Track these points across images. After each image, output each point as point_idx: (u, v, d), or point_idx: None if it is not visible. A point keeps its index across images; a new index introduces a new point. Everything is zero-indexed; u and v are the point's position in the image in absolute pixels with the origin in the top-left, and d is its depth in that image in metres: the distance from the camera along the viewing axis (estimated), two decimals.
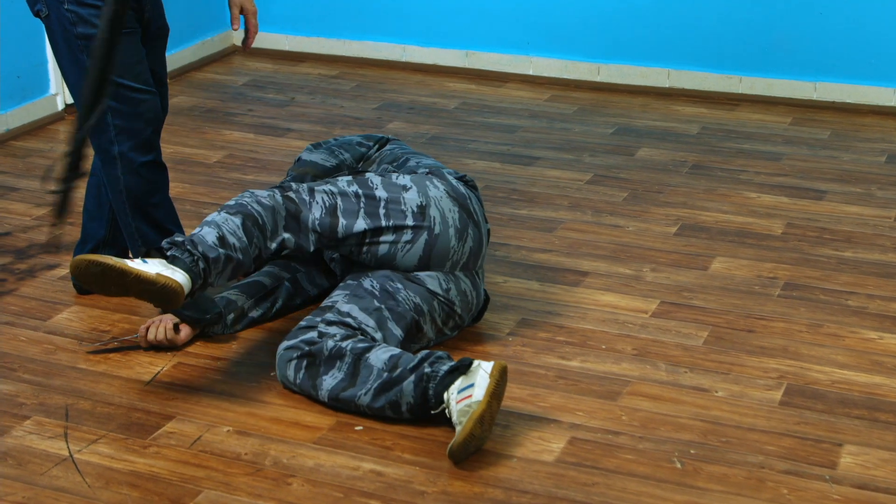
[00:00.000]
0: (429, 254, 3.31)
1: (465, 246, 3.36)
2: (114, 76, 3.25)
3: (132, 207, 3.38)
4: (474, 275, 3.41)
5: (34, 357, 3.38)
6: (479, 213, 3.42)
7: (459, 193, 3.39)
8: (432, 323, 3.34)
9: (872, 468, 2.88)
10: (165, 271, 3.00)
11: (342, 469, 2.88)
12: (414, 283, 3.31)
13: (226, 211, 3.19)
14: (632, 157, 4.87)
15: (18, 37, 5.07)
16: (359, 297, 3.26)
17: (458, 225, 3.34)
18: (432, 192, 3.35)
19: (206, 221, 3.17)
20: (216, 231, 3.13)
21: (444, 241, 3.32)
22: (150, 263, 3.02)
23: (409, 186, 3.34)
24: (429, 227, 3.30)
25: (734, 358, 3.36)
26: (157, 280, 2.98)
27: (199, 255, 3.07)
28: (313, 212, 3.26)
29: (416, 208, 3.30)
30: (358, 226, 3.27)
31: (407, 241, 3.29)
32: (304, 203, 3.26)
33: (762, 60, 5.51)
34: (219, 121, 5.33)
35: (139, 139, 3.34)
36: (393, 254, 3.30)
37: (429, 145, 5.00)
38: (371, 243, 3.29)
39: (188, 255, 3.07)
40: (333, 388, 3.08)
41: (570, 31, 5.76)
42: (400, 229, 3.29)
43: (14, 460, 2.91)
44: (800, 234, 4.15)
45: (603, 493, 2.79)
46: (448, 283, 3.34)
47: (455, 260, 3.34)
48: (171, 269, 3.02)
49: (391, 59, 6.08)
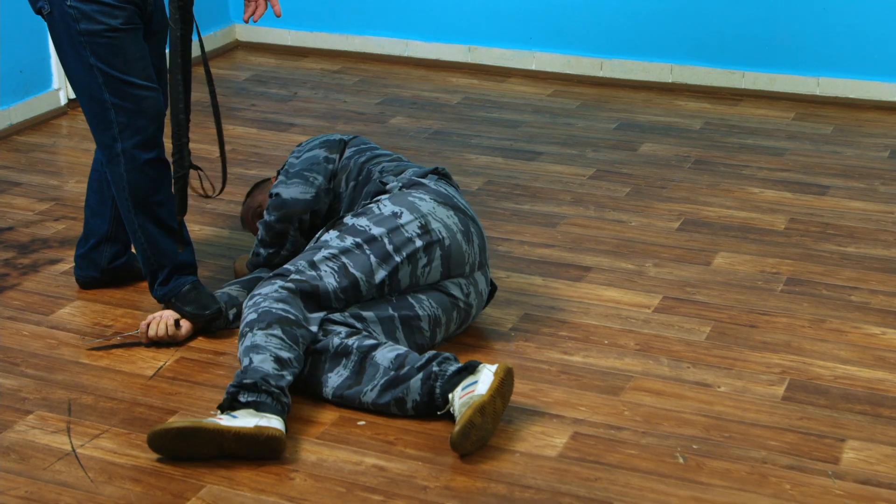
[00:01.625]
0: (448, 266, 3.29)
1: (475, 246, 3.35)
2: (121, 73, 3.26)
3: (135, 205, 3.38)
4: (486, 269, 3.41)
5: (37, 352, 3.38)
6: (468, 207, 3.41)
7: (444, 195, 3.37)
8: (445, 331, 3.33)
9: (875, 463, 2.88)
10: (262, 421, 2.86)
11: (344, 464, 2.88)
12: (438, 292, 3.30)
13: (258, 328, 3.06)
14: (635, 153, 4.87)
15: (21, 31, 5.06)
16: (373, 302, 3.25)
17: (461, 228, 3.32)
18: (423, 206, 3.30)
19: (247, 348, 3.03)
20: (268, 355, 2.99)
21: (457, 248, 3.30)
22: (241, 417, 2.88)
23: (399, 212, 3.27)
24: (439, 241, 3.27)
25: (737, 353, 3.36)
26: (259, 434, 2.83)
27: (277, 391, 2.94)
28: (327, 282, 3.17)
29: (418, 229, 3.26)
30: (379, 276, 3.21)
31: (424, 266, 3.25)
32: (315, 279, 3.17)
33: (765, 56, 5.50)
34: (221, 116, 5.32)
35: (143, 136, 3.33)
36: (416, 281, 3.26)
37: (431, 140, 5.00)
38: (392, 283, 3.24)
39: (269, 398, 2.92)
40: (339, 387, 3.07)
41: (572, 26, 5.75)
42: (413, 257, 3.23)
43: (17, 455, 2.92)
44: (803, 230, 4.15)
45: (605, 489, 2.79)
46: (468, 287, 3.34)
47: (472, 263, 3.34)
48: (266, 418, 2.88)
49: (394, 54, 6.07)
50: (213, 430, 2.82)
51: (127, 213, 3.41)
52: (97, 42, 3.23)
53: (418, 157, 4.75)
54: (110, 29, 3.22)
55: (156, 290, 3.46)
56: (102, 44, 3.23)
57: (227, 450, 2.85)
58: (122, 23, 3.23)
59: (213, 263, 3.89)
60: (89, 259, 3.68)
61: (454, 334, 3.41)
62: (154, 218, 3.41)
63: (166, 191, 3.43)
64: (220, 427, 2.82)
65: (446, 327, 3.33)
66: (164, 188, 3.42)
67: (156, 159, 3.38)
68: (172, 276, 3.44)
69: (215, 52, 6.16)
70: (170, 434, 2.83)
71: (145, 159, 3.35)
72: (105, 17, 3.21)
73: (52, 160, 4.82)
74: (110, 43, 3.23)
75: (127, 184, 3.36)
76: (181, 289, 3.42)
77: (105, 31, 3.22)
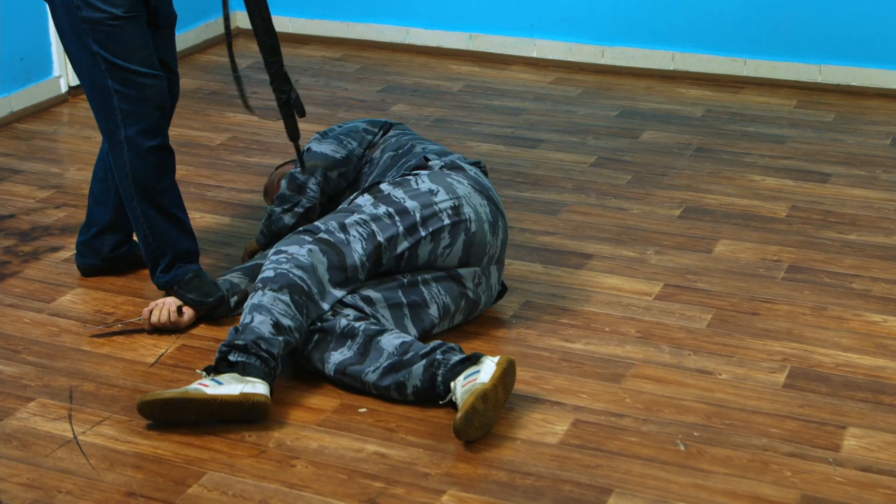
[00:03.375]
0: (468, 252, 3.29)
1: (498, 239, 3.35)
2: (123, 61, 3.25)
3: (138, 192, 3.38)
4: (501, 266, 3.41)
5: (38, 339, 3.39)
6: (500, 203, 3.41)
7: (483, 185, 3.37)
8: (451, 321, 3.34)
9: (876, 451, 2.88)
10: (247, 388, 2.91)
11: (346, 451, 2.88)
12: (448, 280, 3.30)
13: (269, 288, 3.07)
14: (636, 140, 4.86)
15: (21, 18, 5.06)
16: (384, 284, 3.25)
17: (490, 219, 3.32)
18: (460, 189, 3.30)
19: (253, 305, 3.05)
20: (269, 318, 3.02)
21: (481, 237, 3.30)
22: (226, 383, 2.92)
23: (436, 189, 3.28)
24: (465, 226, 3.27)
25: (738, 341, 3.36)
26: (244, 400, 2.88)
27: (266, 355, 2.97)
28: (355, 248, 3.17)
29: (450, 210, 3.26)
30: (401, 247, 3.22)
31: (446, 247, 3.25)
32: (343, 243, 3.17)
33: (767, 43, 5.49)
34: (222, 103, 5.33)
35: (146, 123, 3.32)
36: (433, 260, 3.27)
37: (433, 128, 5.00)
38: (411, 256, 3.25)
39: (258, 360, 2.96)
40: (341, 363, 3.07)
41: (574, 13, 5.74)
42: (437, 234, 3.24)
43: (18, 442, 2.92)
44: (804, 217, 4.15)
45: (606, 476, 2.79)
46: (480, 279, 3.34)
47: (491, 254, 3.34)
48: (251, 383, 2.92)
49: (395, 41, 6.06)
50: (200, 399, 2.89)
51: (129, 199, 3.40)
52: (99, 30, 3.22)
53: None
54: (112, 17, 3.22)
55: (157, 278, 3.46)
56: (104, 31, 3.22)
57: (215, 416, 2.91)
58: (124, 11, 3.23)
59: (215, 251, 3.88)
60: (91, 247, 3.68)
61: (460, 322, 3.41)
62: (156, 205, 3.40)
63: (170, 178, 3.42)
64: (205, 396, 2.89)
65: (453, 317, 3.33)
66: (168, 175, 3.42)
67: (160, 147, 3.37)
68: (175, 264, 3.44)
69: (216, 40, 6.15)
70: (157, 404, 2.90)
71: (148, 146, 3.34)
72: (107, 4, 3.21)
73: (52, 148, 4.81)
74: (112, 31, 3.23)
75: (130, 171, 3.36)
76: (184, 277, 3.42)
77: (107, 20, 3.22)
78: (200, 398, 2.89)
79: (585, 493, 2.73)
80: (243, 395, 2.89)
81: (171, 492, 2.74)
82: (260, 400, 2.90)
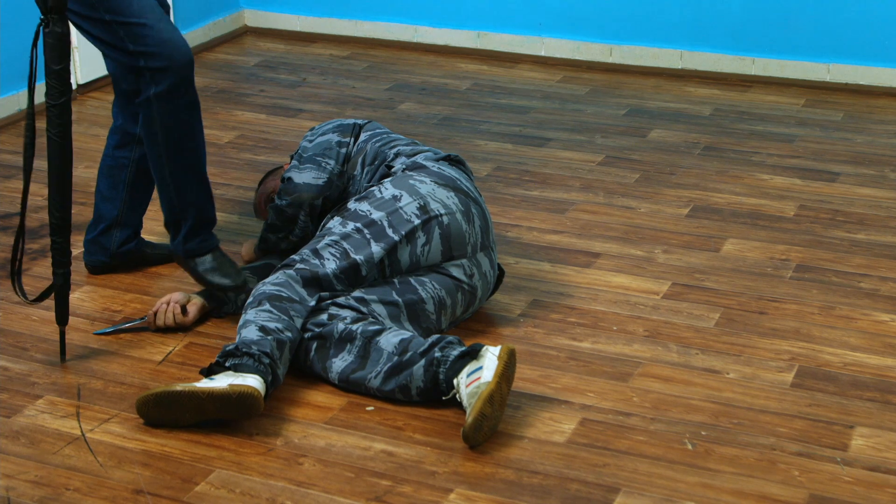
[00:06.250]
0: (448, 244, 3.30)
1: (475, 227, 3.35)
2: (141, 20, 3.22)
3: (168, 150, 3.29)
4: (490, 251, 3.41)
5: (46, 337, 3.39)
6: (473, 190, 3.41)
7: (447, 178, 3.38)
8: (451, 315, 3.34)
9: (884, 450, 2.87)
10: (236, 380, 2.92)
11: (353, 449, 2.88)
12: (440, 275, 3.30)
13: (250, 308, 3.14)
14: (644, 139, 4.86)
15: (28, 15, 5.05)
16: (375, 287, 3.25)
17: (460, 208, 3.33)
18: (422, 188, 3.33)
19: (239, 327, 3.11)
20: (254, 326, 3.06)
21: (457, 228, 3.31)
22: (217, 379, 2.93)
23: (399, 194, 3.31)
24: (438, 221, 3.29)
25: (746, 340, 3.36)
26: (231, 392, 2.88)
27: (257, 353, 2.99)
28: (328, 267, 3.22)
29: (417, 210, 3.28)
30: (376, 254, 3.24)
31: (423, 245, 3.27)
32: (316, 266, 3.23)
33: (775, 42, 5.49)
34: (230, 101, 5.33)
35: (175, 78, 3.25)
36: (416, 261, 3.29)
37: (440, 126, 5.00)
38: (392, 263, 3.27)
39: (249, 359, 2.98)
40: (344, 370, 3.08)
41: (582, 11, 5.74)
42: (412, 235, 3.26)
43: (26, 439, 2.92)
44: (812, 217, 4.14)
45: (614, 475, 2.79)
46: (471, 269, 3.34)
47: (473, 243, 3.34)
48: (241, 377, 2.93)
49: (403, 39, 6.06)
50: (188, 392, 2.89)
51: (156, 159, 3.33)
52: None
53: (427, 144, 4.74)
54: None
55: (179, 245, 3.40)
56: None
57: (209, 413, 2.91)
58: None
59: (223, 249, 3.88)
60: (98, 244, 3.69)
61: (462, 319, 3.41)
62: (185, 166, 3.34)
63: (200, 137, 3.37)
64: (194, 389, 2.89)
65: (452, 310, 3.33)
66: (199, 133, 3.36)
67: (191, 103, 3.32)
68: (198, 232, 3.40)
69: (224, 38, 6.15)
70: (150, 401, 2.92)
71: (178, 103, 3.29)
72: None
73: None
74: None
75: (160, 127, 3.29)
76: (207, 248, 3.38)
77: None
78: (189, 391, 2.89)
79: (593, 492, 2.73)
80: (231, 387, 2.88)
81: (179, 489, 2.74)
82: (247, 391, 2.88)
